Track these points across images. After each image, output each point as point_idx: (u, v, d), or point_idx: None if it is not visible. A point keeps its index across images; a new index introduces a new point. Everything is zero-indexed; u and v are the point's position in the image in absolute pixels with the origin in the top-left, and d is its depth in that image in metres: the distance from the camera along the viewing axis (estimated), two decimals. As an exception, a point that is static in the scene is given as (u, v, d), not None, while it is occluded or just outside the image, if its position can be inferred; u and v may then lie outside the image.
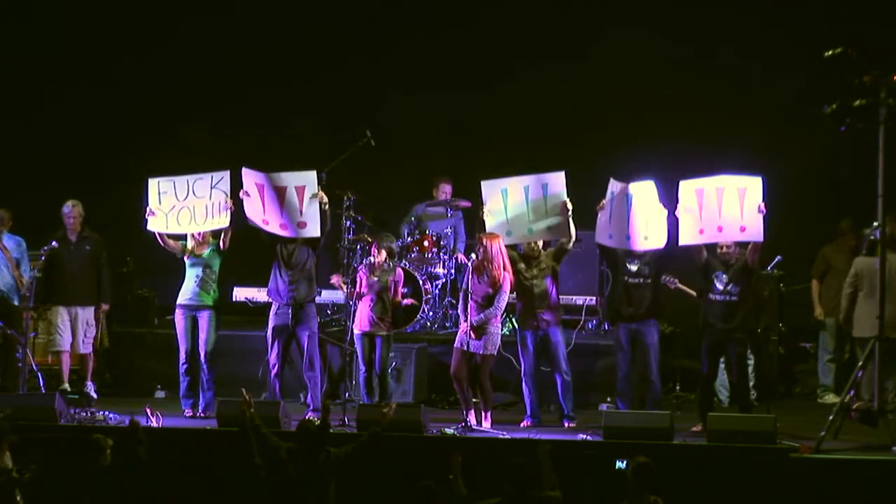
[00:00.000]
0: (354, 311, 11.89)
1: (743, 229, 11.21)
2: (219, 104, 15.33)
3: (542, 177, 11.68)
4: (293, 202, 11.69)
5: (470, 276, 11.59)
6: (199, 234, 11.95)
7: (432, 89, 15.30)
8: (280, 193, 11.69)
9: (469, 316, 11.43)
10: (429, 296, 13.67)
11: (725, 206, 11.20)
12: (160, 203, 11.86)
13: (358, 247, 13.74)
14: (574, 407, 11.77)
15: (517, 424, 11.60)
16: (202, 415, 11.79)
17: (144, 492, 9.52)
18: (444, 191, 14.35)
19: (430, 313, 13.76)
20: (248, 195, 11.77)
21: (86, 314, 12.65)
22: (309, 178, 11.75)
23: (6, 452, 9.13)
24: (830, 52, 10.22)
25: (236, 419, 9.71)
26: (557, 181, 11.64)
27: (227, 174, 11.87)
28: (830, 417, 10.41)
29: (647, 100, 14.92)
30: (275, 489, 9.14)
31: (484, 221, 11.67)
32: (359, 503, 9.79)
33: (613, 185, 11.61)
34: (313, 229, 11.75)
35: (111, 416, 11.25)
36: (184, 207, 11.81)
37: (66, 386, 12.51)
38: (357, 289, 11.85)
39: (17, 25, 15.35)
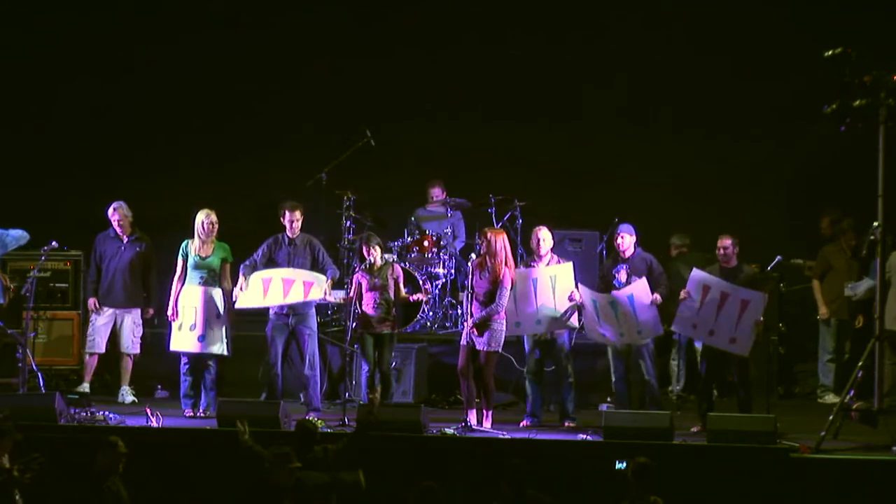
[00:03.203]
0: (356, 312, 11.86)
1: (733, 341, 11.27)
2: (220, 104, 15.32)
3: (549, 269, 11.67)
4: (298, 293, 11.72)
5: (472, 274, 11.59)
6: (204, 235, 11.92)
7: (432, 89, 15.30)
8: (287, 285, 11.71)
9: (472, 313, 11.43)
10: (429, 296, 13.67)
11: (723, 315, 11.25)
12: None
13: (357, 244, 13.75)
14: (574, 407, 11.78)
15: (517, 424, 11.59)
16: (202, 415, 11.78)
17: (144, 491, 9.52)
18: (436, 195, 14.38)
19: (430, 313, 13.76)
20: (243, 289, 11.80)
21: (132, 316, 12.70)
22: (319, 278, 11.76)
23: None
24: (830, 52, 10.22)
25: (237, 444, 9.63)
26: (565, 272, 11.62)
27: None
28: (830, 417, 10.41)
29: (644, 99, 14.94)
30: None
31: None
32: (359, 503, 9.76)
33: (594, 295, 11.61)
34: (317, 292, 11.81)
35: (111, 416, 11.23)
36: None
37: (86, 387, 12.53)
38: (355, 293, 11.83)
39: (18, 24, 15.37)
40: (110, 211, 12.74)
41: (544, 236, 11.78)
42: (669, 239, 13.49)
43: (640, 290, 11.46)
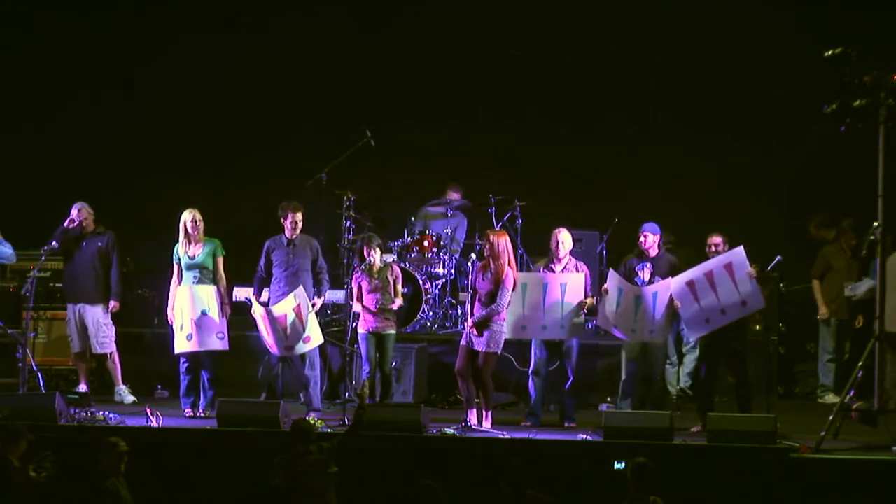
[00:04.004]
0: (357, 312, 11.84)
1: (745, 303, 11.25)
2: (220, 105, 15.33)
3: (561, 276, 11.65)
4: (297, 325, 11.64)
5: (475, 274, 11.60)
6: (194, 231, 11.91)
7: (433, 89, 15.30)
8: (282, 323, 11.66)
9: (474, 314, 11.43)
10: (429, 296, 13.67)
11: (721, 289, 11.23)
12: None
13: (358, 245, 13.75)
14: (574, 408, 11.78)
15: (517, 424, 11.58)
16: (202, 415, 11.78)
17: (145, 491, 9.52)
18: (452, 198, 14.36)
19: (430, 313, 13.76)
20: (255, 320, 11.83)
21: (95, 313, 12.67)
22: (300, 294, 11.66)
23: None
24: (830, 52, 10.22)
25: None
26: (576, 281, 11.61)
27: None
28: (830, 417, 10.40)
29: (643, 99, 14.95)
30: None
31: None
32: (359, 503, 9.78)
33: (623, 285, 11.57)
34: (317, 339, 11.78)
35: (111, 416, 11.23)
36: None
37: (82, 388, 12.50)
38: (356, 295, 11.82)
39: (18, 24, 15.38)
40: (70, 211, 12.69)
41: (563, 238, 11.74)
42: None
43: (663, 291, 11.45)
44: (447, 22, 15.32)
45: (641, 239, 11.75)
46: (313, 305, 11.74)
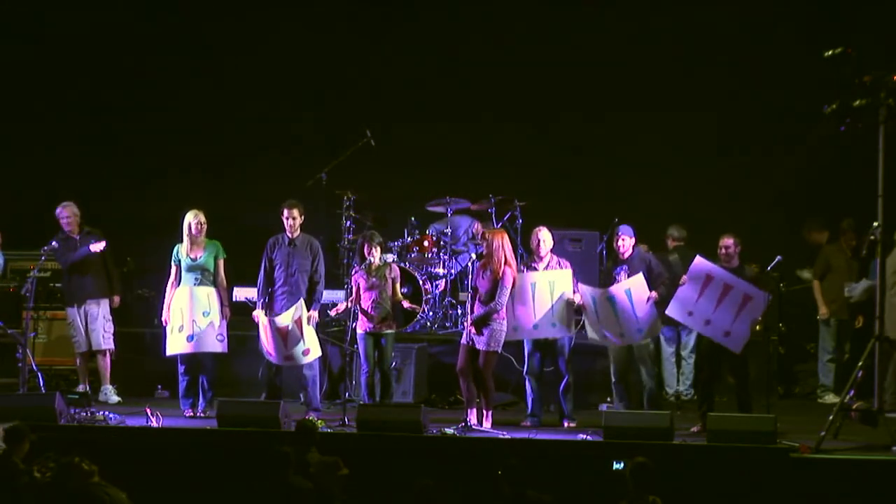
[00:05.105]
0: (357, 312, 11.85)
1: (727, 334, 11.24)
2: (220, 105, 15.32)
3: (549, 273, 11.65)
4: (296, 335, 11.62)
5: (476, 273, 11.61)
6: (197, 233, 11.91)
7: (433, 89, 15.30)
8: (283, 333, 11.64)
9: (474, 312, 11.44)
10: (429, 296, 13.67)
11: (724, 306, 11.21)
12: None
13: (359, 242, 13.75)
14: (574, 407, 11.78)
15: (517, 424, 11.59)
16: (202, 415, 11.78)
17: (145, 492, 9.51)
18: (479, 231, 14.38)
19: (430, 313, 13.76)
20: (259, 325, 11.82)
21: (101, 309, 12.65)
22: (301, 307, 11.65)
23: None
24: (830, 52, 10.22)
25: None
26: (564, 278, 11.61)
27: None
28: (830, 417, 10.41)
29: (643, 100, 14.95)
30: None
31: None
32: (359, 503, 9.77)
33: (594, 292, 11.57)
34: (315, 352, 11.77)
35: (111, 416, 11.23)
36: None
37: (85, 388, 12.49)
38: (355, 293, 11.81)
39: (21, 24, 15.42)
40: (58, 211, 12.64)
41: (544, 237, 11.76)
42: (667, 230, 13.39)
43: (637, 286, 11.42)
44: (447, 22, 15.32)
45: (619, 242, 11.76)
46: (309, 318, 11.71)
